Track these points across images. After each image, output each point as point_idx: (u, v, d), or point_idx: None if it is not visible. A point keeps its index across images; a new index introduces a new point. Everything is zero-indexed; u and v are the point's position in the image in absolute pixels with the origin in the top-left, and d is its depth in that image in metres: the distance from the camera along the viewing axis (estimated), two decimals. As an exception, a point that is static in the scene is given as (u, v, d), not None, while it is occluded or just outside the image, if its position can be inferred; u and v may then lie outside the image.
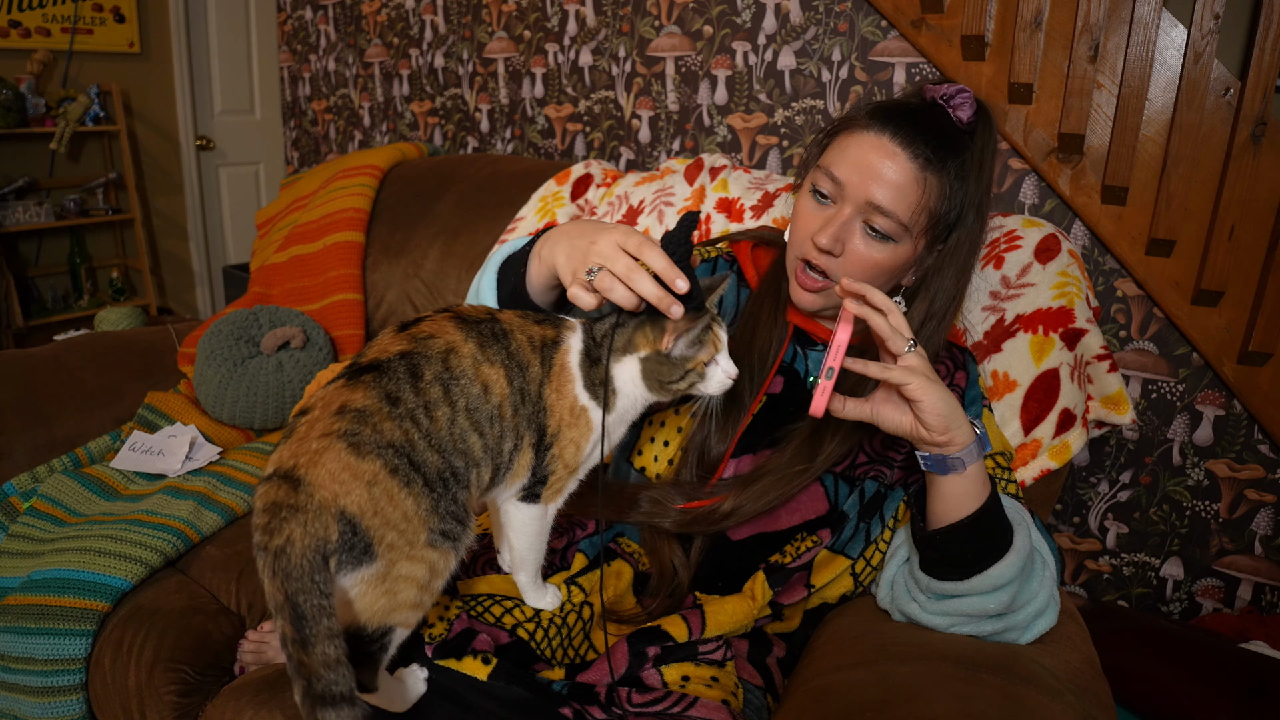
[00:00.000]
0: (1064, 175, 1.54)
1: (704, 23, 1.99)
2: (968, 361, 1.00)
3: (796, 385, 0.96)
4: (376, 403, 0.65)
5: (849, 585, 0.93)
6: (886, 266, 0.87)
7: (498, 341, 0.72)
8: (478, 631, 0.81)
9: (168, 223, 3.24)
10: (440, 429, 0.67)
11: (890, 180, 0.84)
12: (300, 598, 0.58)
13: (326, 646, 0.58)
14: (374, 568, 0.64)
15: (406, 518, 0.65)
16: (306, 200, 2.11)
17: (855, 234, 0.87)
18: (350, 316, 1.87)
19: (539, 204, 1.73)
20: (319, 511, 0.61)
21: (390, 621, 0.67)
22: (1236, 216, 1.40)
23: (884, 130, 0.85)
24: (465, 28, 2.49)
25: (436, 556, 0.67)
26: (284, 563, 0.59)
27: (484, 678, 0.77)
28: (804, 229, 0.90)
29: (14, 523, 1.32)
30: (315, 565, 0.59)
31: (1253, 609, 1.58)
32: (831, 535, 0.92)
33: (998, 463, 0.94)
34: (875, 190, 0.84)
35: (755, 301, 0.98)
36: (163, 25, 3.06)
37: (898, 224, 0.85)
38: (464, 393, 0.69)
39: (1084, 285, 1.18)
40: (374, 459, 0.63)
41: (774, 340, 0.96)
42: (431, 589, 0.68)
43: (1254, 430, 1.53)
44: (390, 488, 0.64)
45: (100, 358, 1.71)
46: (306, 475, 0.61)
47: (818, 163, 0.91)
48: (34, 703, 1.10)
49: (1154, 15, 1.40)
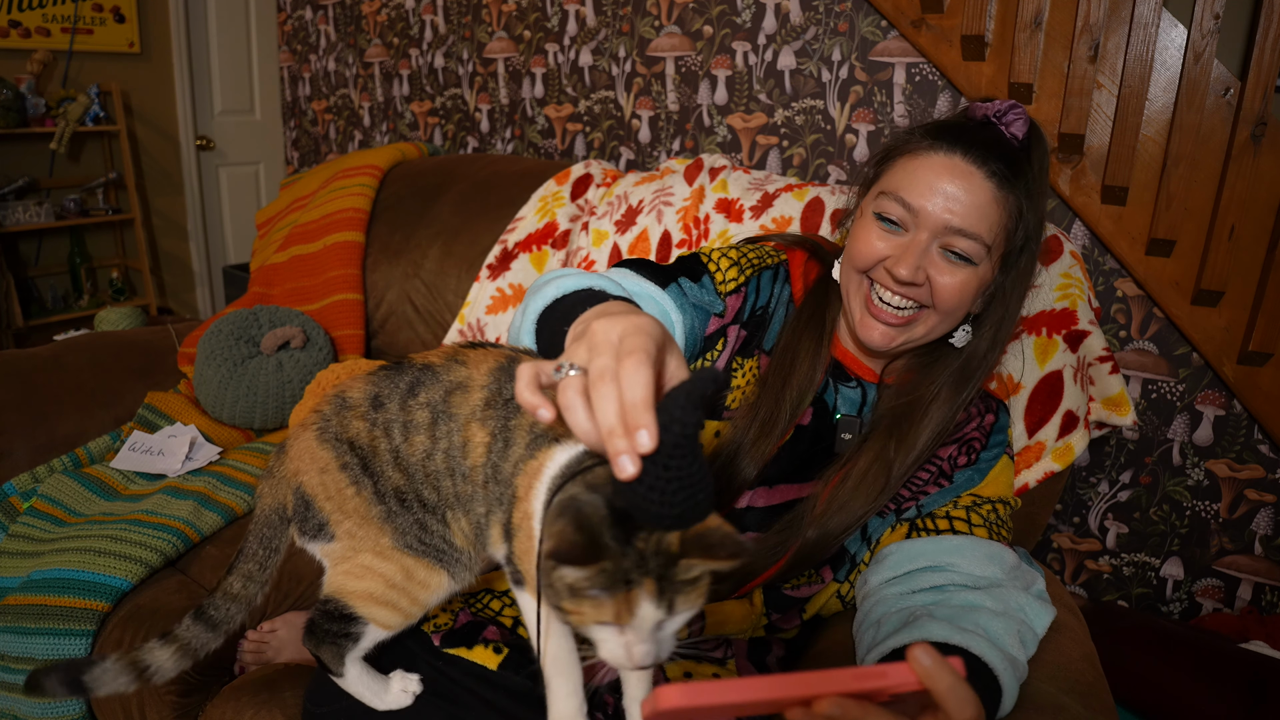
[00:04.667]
0: (1064, 175, 1.54)
1: (704, 23, 1.99)
2: (1000, 410, 0.94)
3: (824, 418, 0.91)
4: (361, 399, 0.66)
5: (837, 607, 0.92)
6: (969, 291, 0.82)
7: (505, 407, 0.62)
8: (485, 623, 0.81)
9: (168, 223, 3.24)
10: (414, 454, 0.64)
11: (970, 201, 0.79)
12: (250, 537, 0.70)
13: (235, 580, 0.70)
14: (334, 546, 0.67)
15: (361, 514, 0.65)
16: (306, 200, 2.11)
17: (934, 261, 0.81)
18: (350, 316, 1.87)
19: (539, 204, 1.73)
20: (282, 481, 0.68)
21: (356, 608, 0.67)
22: (1236, 216, 1.40)
23: (954, 150, 0.80)
24: (465, 28, 2.49)
25: (414, 564, 0.65)
26: (257, 510, 0.70)
27: (494, 667, 0.77)
28: (869, 255, 0.83)
29: (14, 523, 1.32)
30: (270, 522, 0.69)
31: (1253, 609, 1.58)
32: (833, 572, 0.90)
33: (998, 512, 0.88)
34: (955, 212, 0.79)
35: (796, 328, 0.90)
36: (163, 25, 3.06)
37: (980, 245, 0.80)
38: (447, 436, 0.64)
39: (1086, 287, 1.18)
40: (328, 449, 0.65)
41: (815, 373, 0.88)
42: (410, 593, 0.66)
43: (1254, 430, 1.53)
44: (338, 481, 0.65)
45: (100, 358, 1.71)
46: (287, 446, 0.69)
47: (877, 188, 0.85)
48: (34, 703, 1.10)
49: (1154, 15, 1.39)
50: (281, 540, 0.70)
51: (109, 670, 0.67)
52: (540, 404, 0.48)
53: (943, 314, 0.83)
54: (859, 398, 0.92)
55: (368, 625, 0.67)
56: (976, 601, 0.77)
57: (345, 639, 0.68)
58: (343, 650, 0.69)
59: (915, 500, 0.89)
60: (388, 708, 0.73)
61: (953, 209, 0.79)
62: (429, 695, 0.75)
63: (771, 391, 0.86)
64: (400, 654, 0.79)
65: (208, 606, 0.70)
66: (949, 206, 0.79)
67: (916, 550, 0.84)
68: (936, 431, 0.86)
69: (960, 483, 0.89)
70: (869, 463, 0.84)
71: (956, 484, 0.89)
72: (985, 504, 0.88)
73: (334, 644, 0.69)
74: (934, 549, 0.83)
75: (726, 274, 0.91)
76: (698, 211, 1.47)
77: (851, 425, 0.90)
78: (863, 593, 0.87)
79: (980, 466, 0.90)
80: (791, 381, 0.87)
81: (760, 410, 0.85)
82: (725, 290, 0.91)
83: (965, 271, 0.81)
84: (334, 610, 0.67)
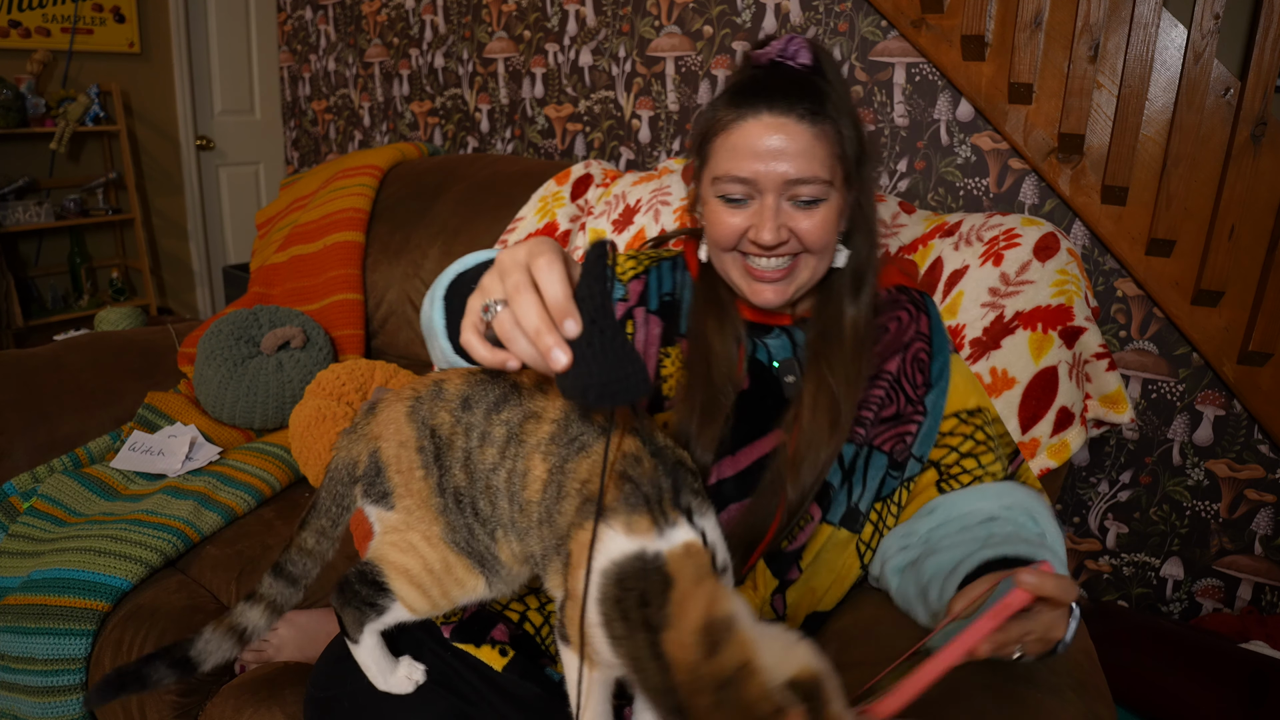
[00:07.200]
0: (1064, 175, 1.54)
1: (704, 23, 1.99)
2: (927, 303, 0.97)
3: (763, 375, 0.94)
4: (454, 396, 0.67)
5: (854, 565, 0.91)
6: (831, 224, 0.86)
7: (568, 446, 0.62)
8: (493, 618, 0.81)
9: (168, 223, 3.24)
10: (483, 462, 0.65)
11: (794, 150, 0.82)
12: (323, 492, 0.70)
13: (309, 536, 0.70)
14: (391, 516, 0.68)
15: (422, 498, 0.66)
16: (306, 200, 2.11)
17: (789, 214, 0.85)
18: (350, 316, 1.87)
19: (539, 204, 1.73)
20: (363, 439, 0.69)
21: (390, 580, 0.68)
22: (1236, 216, 1.40)
23: (758, 110, 0.83)
24: (465, 28, 2.49)
25: (455, 560, 0.66)
26: (332, 462, 0.70)
27: (499, 669, 0.77)
28: (729, 234, 0.87)
29: (14, 523, 1.32)
30: (341, 478, 0.69)
31: (1253, 609, 1.59)
32: (821, 510, 0.90)
33: (986, 433, 0.91)
34: (786, 167, 0.82)
35: (697, 312, 0.94)
36: (163, 25, 3.06)
37: (822, 184, 0.84)
38: (513, 459, 0.64)
39: (1083, 284, 1.18)
40: (412, 428, 0.67)
41: (731, 347, 0.92)
42: (444, 586, 0.68)
43: (1254, 430, 1.53)
44: (412, 460, 0.66)
45: (100, 358, 1.71)
46: (378, 410, 0.69)
47: (708, 173, 0.88)
48: (34, 703, 1.10)
49: (1154, 15, 1.40)
50: (350, 498, 0.70)
51: (211, 640, 0.69)
52: (504, 358, 0.56)
53: (818, 252, 0.87)
54: (788, 342, 0.95)
55: (395, 602, 0.69)
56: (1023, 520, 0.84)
57: (370, 608, 0.69)
58: (364, 618, 0.70)
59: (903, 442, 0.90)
60: (389, 690, 0.74)
61: (783, 164, 0.82)
62: (434, 684, 0.75)
63: (699, 377, 0.89)
64: (409, 640, 0.79)
65: (285, 563, 0.71)
66: (778, 163, 0.82)
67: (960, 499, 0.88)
68: (857, 340, 0.90)
69: (933, 410, 0.92)
70: (813, 393, 0.88)
71: (932, 414, 0.91)
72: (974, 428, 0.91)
73: (358, 609, 0.70)
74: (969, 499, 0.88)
75: (625, 265, 0.98)
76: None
77: (791, 367, 0.94)
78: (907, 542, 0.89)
79: (941, 386, 0.93)
80: (713, 361, 0.90)
81: (696, 397, 0.88)
82: (625, 278, 0.96)
83: (820, 210, 0.85)
84: (369, 575, 0.69)
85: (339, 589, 0.71)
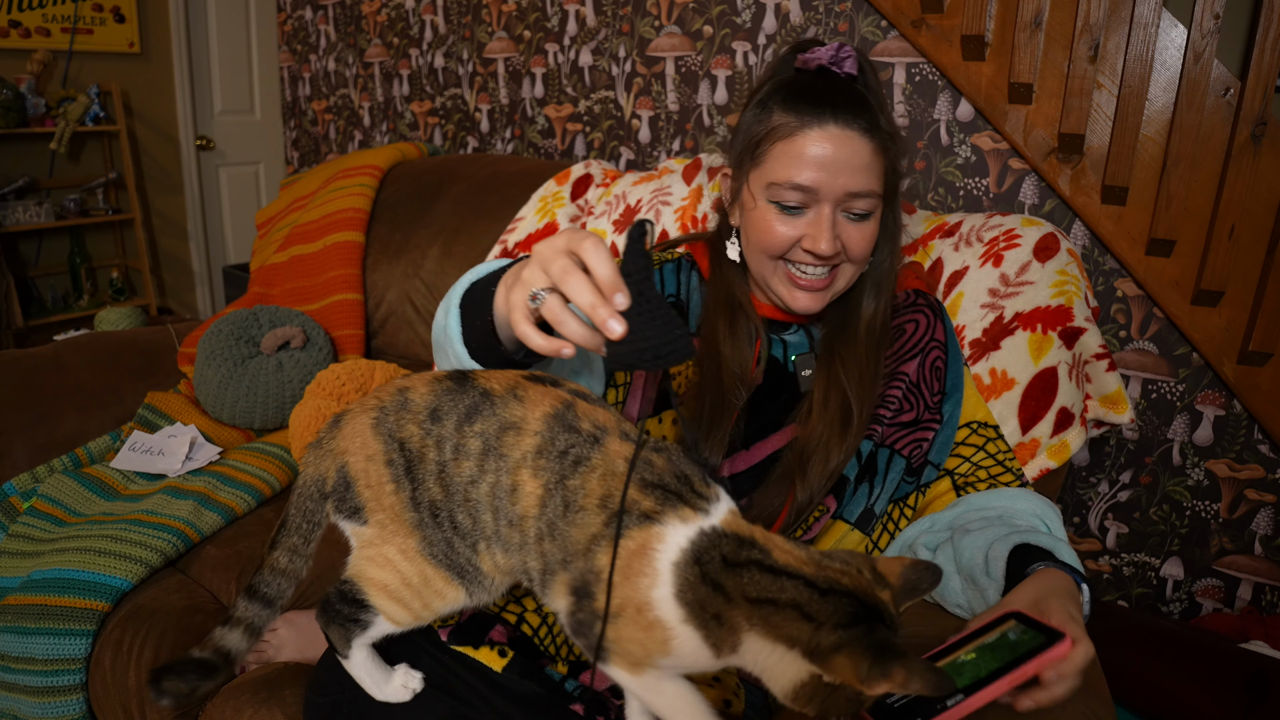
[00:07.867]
0: (1064, 175, 1.54)
1: (704, 23, 1.99)
2: (943, 312, 1.00)
3: (779, 371, 0.95)
4: (421, 407, 0.64)
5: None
6: (874, 236, 0.89)
7: (560, 460, 0.60)
8: (491, 620, 0.81)
9: (168, 223, 3.24)
10: (459, 476, 0.63)
11: (857, 164, 0.84)
12: (292, 509, 0.69)
13: (281, 555, 0.70)
14: (365, 531, 0.66)
15: (395, 513, 0.65)
16: (306, 200, 2.12)
17: (842, 225, 0.86)
18: (350, 316, 1.87)
19: (539, 204, 1.73)
20: (329, 454, 0.68)
21: (370, 596, 0.67)
22: (1236, 216, 1.40)
23: (823, 121, 0.83)
24: (465, 28, 2.49)
25: (434, 573, 0.65)
26: (300, 479, 0.69)
27: (499, 669, 0.77)
28: (779, 241, 0.87)
29: (14, 523, 1.32)
30: (311, 495, 0.68)
31: (1253, 609, 1.59)
32: (836, 502, 0.90)
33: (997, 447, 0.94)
34: (849, 180, 0.84)
35: (710, 310, 0.94)
36: (163, 25, 3.06)
37: (875, 198, 0.86)
38: (495, 474, 0.62)
39: (1083, 284, 1.18)
40: (379, 441, 0.65)
41: (744, 348, 0.92)
42: (424, 598, 0.66)
43: (1254, 430, 1.53)
44: (381, 474, 0.65)
45: (100, 358, 1.71)
46: (342, 423, 0.68)
47: (762, 178, 0.88)
48: (34, 703, 1.10)
49: (1154, 15, 1.40)
50: (321, 515, 0.69)
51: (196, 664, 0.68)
52: (559, 345, 0.59)
53: (858, 263, 0.90)
54: (805, 338, 0.97)
55: (378, 616, 0.68)
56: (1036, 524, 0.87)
57: (354, 624, 0.69)
58: (350, 634, 0.69)
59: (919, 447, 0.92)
60: (386, 700, 0.73)
61: (846, 176, 0.84)
62: (432, 689, 0.75)
63: (708, 379, 0.89)
64: (406, 646, 0.79)
65: (259, 584, 0.70)
66: (841, 175, 0.84)
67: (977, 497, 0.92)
68: (872, 339, 0.92)
69: (950, 419, 0.95)
70: (824, 388, 0.90)
71: (949, 423, 0.94)
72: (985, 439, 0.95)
73: (343, 626, 0.69)
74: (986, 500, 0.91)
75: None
76: (695, 211, 1.47)
77: (808, 361, 0.95)
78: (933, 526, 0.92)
79: (956, 396, 0.95)
80: (722, 364, 0.91)
81: (705, 399, 0.88)
82: None
83: (870, 223, 0.87)
84: (349, 593, 0.68)
85: (322, 608, 0.69)
